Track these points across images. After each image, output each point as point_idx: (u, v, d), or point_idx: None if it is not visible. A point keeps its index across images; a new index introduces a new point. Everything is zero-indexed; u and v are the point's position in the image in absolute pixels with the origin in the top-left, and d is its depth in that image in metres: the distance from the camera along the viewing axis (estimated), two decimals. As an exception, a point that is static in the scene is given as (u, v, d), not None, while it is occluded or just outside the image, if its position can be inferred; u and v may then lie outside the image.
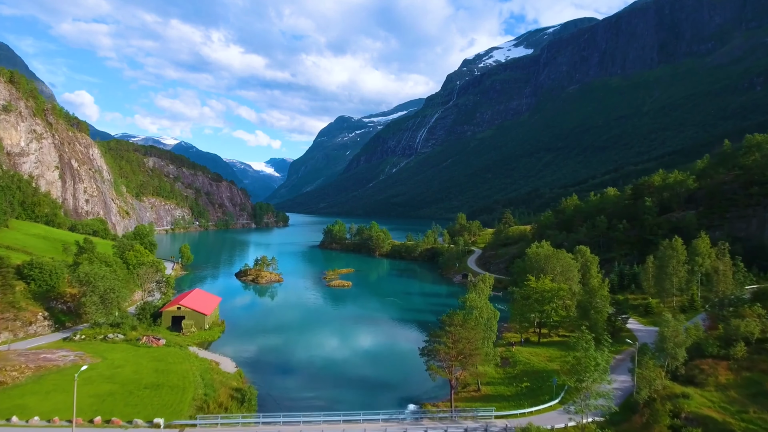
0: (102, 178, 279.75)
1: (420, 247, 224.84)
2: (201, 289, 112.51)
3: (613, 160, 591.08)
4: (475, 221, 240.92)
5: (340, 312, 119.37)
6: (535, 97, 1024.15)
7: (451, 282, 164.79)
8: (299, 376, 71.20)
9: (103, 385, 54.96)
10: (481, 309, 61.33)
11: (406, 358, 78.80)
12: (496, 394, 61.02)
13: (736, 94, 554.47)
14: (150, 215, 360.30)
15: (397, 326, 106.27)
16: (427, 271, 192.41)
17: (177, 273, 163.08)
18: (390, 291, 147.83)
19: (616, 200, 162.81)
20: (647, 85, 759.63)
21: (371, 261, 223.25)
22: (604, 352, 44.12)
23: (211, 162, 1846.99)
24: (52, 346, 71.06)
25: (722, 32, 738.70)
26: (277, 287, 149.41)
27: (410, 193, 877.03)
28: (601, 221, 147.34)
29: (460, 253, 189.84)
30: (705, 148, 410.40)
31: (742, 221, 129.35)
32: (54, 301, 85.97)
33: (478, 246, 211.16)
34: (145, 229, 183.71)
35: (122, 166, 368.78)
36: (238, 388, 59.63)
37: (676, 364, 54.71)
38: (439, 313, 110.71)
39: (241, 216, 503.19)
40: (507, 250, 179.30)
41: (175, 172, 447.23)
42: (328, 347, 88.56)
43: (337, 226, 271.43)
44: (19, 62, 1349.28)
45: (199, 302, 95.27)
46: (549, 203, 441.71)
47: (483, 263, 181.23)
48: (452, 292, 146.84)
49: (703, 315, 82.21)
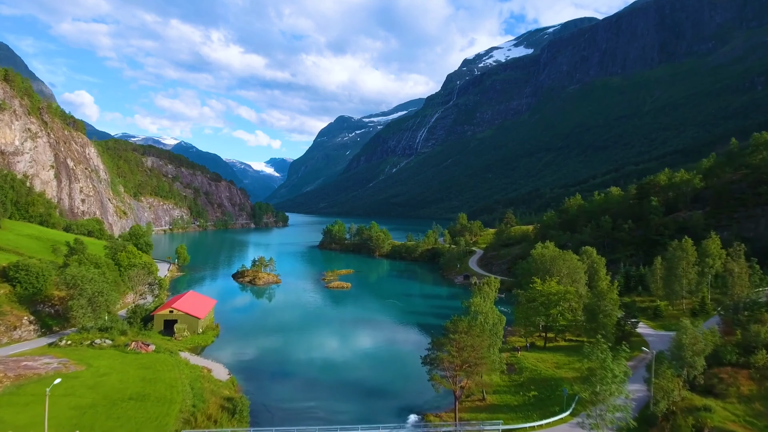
0: (98, 178, 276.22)
1: (420, 248, 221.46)
2: (195, 292, 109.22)
3: (613, 159, 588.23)
4: (476, 221, 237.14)
5: (338, 314, 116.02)
6: (536, 97, 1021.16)
7: (453, 283, 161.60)
8: (295, 383, 67.96)
9: (85, 396, 51.70)
10: (486, 314, 58.12)
11: (407, 363, 75.54)
12: (502, 403, 57.79)
13: (736, 94, 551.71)
14: (148, 215, 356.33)
15: (398, 329, 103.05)
16: (427, 271, 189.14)
17: (173, 274, 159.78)
18: (390, 292, 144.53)
19: (620, 200, 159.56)
20: (648, 85, 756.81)
21: (371, 261, 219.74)
22: (622, 363, 40.89)
23: (211, 162, 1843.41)
24: (35, 353, 67.80)
25: (723, 32, 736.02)
26: (274, 289, 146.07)
27: (410, 193, 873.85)
28: (605, 221, 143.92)
29: (461, 254, 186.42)
30: (706, 147, 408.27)
31: (750, 221, 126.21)
32: (41, 305, 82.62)
33: (479, 246, 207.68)
34: (141, 229, 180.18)
35: (120, 166, 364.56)
36: (230, 398, 56.38)
37: (694, 373, 51.51)
38: (441, 315, 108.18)
39: (241, 216, 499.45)
40: (509, 251, 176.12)
41: (174, 171, 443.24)
42: (326, 352, 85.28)
43: (337, 227, 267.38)
44: (18, 62, 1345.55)
45: (193, 305, 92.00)
46: (550, 203, 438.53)
47: (484, 264, 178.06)
48: (453, 293, 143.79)
49: (716, 318, 79.01)
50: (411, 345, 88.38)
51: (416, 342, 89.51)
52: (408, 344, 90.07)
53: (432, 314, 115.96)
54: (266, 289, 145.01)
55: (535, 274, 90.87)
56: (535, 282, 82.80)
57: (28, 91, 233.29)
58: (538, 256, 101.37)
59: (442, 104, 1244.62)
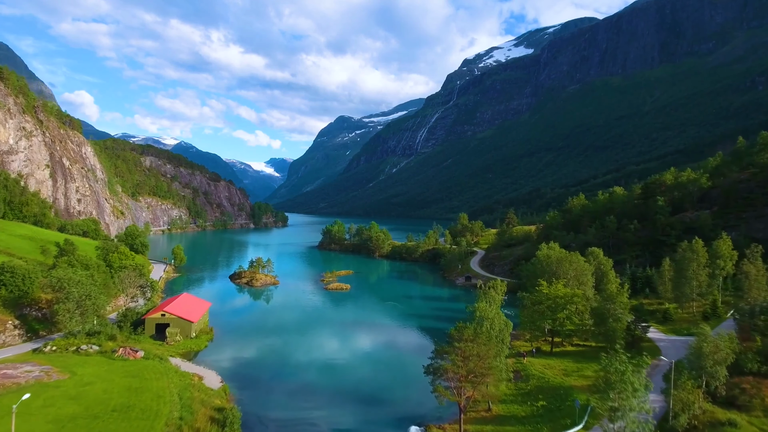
0: (95, 177, 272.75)
1: (421, 248, 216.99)
2: (189, 294, 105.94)
3: (614, 159, 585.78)
4: (477, 221, 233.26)
5: (337, 317, 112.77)
6: (536, 97, 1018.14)
7: (454, 284, 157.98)
8: (291, 391, 64.69)
9: (66, 407, 48.47)
10: (492, 320, 54.91)
11: (408, 369, 72.38)
12: (509, 414, 54.59)
13: (738, 94, 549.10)
14: (146, 215, 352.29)
15: (398, 333, 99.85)
16: (428, 272, 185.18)
17: (168, 275, 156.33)
18: (390, 294, 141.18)
19: (625, 200, 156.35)
20: (648, 85, 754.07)
21: (371, 262, 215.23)
22: (642, 374, 37.77)
23: (211, 162, 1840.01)
24: (18, 359, 64.53)
25: (723, 32, 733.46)
26: (272, 290, 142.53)
27: (410, 193, 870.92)
28: (610, 221, 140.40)
29: (462, 255, 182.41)
30: (708, 147, 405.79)
31: (759, 221, 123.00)
32: (27, 308, 79.39)
33: (480, 247, 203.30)
34: (137, 229, 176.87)
35: (118, 165, 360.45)
36: (221, 408, 53.16)
37: (715, 383, 48.36)
38: (443, 318, 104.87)
39: (240, 216, 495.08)
40: (511, 252, 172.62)
41: (173, 171, 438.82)
42: (324, 356, 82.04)
43: (336, 227, 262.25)
44: (18, 62, 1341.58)
45: (186, 308, 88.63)
46: (551, 203, 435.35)
47: (486, 265, 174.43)
48: (455, 295, 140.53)
49: (730, 323, 75.91)
50: (412, 349, 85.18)
51: (418, 346, 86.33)
52: (409, 349, 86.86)
53: (433, 317, 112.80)
54: (264, 290, 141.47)
55: (541, 276, 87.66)
56: (541, 284, 79.68)
57: (23, 90, 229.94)
58: (543, 258, 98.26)
59: (442, 104, 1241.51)
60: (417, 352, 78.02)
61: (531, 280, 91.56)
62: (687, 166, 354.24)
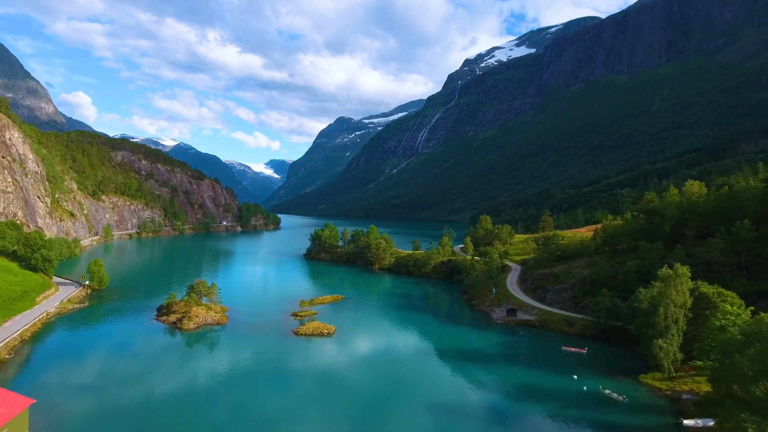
0: (24, 170, 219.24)
1: (433, 260, 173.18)
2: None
3: (623, 159, 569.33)
4: (505, 225, 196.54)
5: (302, 418, 57.82)
6: (539, 97, 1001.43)
7: (490, 319, 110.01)
8: None
9: None
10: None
11: None
12: None
13: (752, 91, 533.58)
14: (110, 217, 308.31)
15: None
16: (445, 293, 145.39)
17: (68, 306, 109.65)
18: (396, 343, 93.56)
19: (763, 195, 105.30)
20: (656, 83, 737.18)
21: (369, 277, 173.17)
22: None
23: (211, 163, 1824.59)
24: None
25: (733, 28, 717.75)
26: (208, 337, 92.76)
27: (411, 195, 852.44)
28: (743, 226, 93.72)
29: (494, 272, 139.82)
30: (730, 145, 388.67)
31: None
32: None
33: (511, 258, 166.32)
34: (41, 238, 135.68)
35: (77, 159, 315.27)
36: None
37: None
38: (499, 414, 62.04)
39: (226, 218, 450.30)
40: (568, 270, 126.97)
41: (148, 167, 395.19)
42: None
43: (327, 231, 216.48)
44: (14, 61, 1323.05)
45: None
46: (561, 204, 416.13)
47: (532, 288, 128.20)
48: (502, 343, 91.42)
49: None
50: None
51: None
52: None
53: (478, 407, 62.77)
54: (195, 337, 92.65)
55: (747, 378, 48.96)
56: None
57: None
58: (733, 345, 52.76)
59: (443, 104, 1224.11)
60: None
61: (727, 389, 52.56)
62: (709, 166, 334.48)
